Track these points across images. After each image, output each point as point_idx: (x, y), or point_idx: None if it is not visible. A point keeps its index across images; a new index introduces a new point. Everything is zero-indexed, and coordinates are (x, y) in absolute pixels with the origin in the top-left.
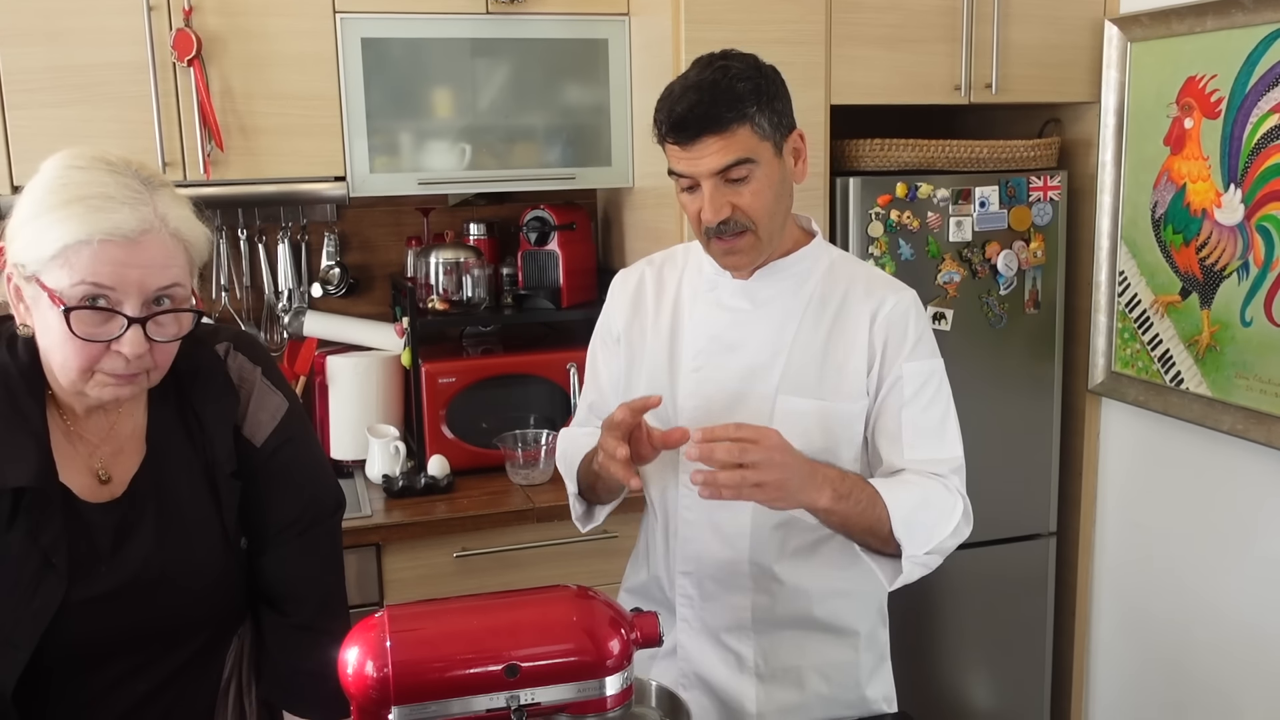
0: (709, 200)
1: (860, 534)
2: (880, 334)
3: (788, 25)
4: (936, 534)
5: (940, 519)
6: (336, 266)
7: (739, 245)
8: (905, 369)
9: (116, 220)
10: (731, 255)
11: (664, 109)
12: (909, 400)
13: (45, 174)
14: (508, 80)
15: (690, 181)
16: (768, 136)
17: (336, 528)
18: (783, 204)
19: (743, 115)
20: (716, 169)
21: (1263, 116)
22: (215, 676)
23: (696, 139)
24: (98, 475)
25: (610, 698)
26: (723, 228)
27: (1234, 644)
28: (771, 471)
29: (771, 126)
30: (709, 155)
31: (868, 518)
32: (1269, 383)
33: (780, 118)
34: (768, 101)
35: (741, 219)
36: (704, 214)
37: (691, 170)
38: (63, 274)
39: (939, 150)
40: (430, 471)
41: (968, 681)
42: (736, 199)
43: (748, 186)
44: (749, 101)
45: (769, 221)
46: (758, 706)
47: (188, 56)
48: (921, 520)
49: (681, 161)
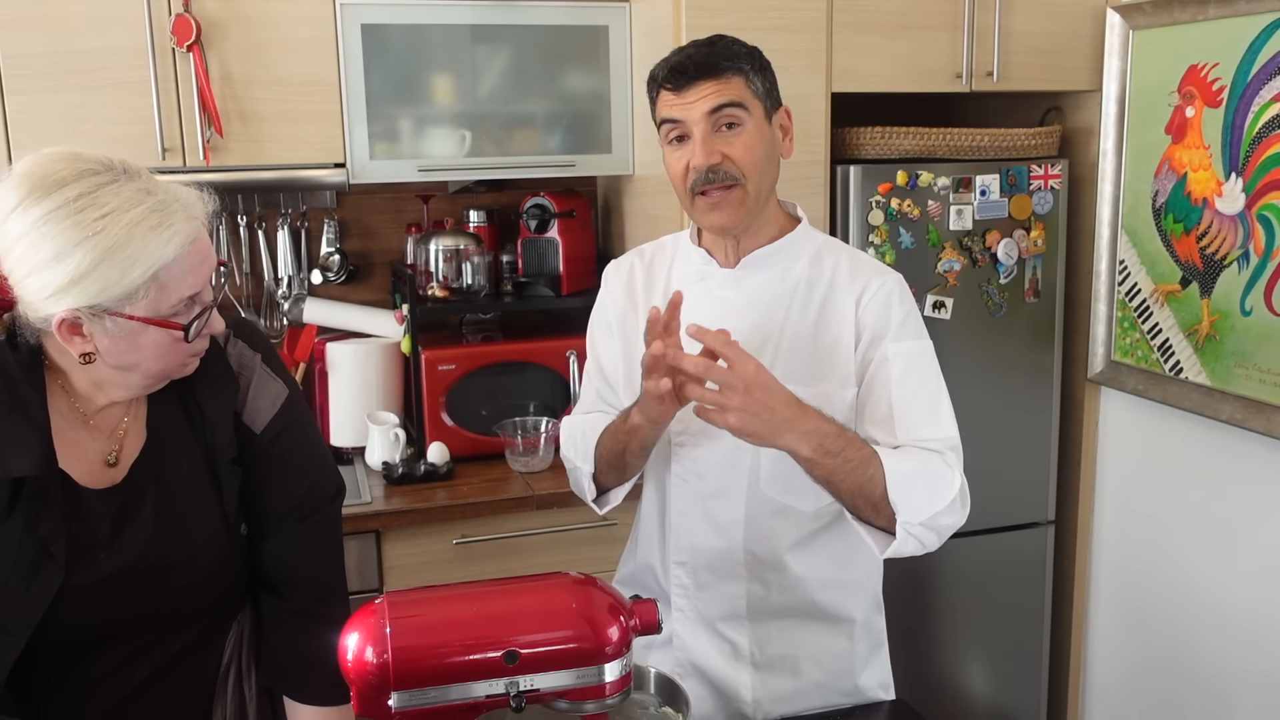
0: (700, 143)
1: (849, 494)
2: (864, 318)
3: (789, 12)
4: (934, 505)
5: (936, 491)
6: (336, 253)
7: (728, 199)
8: (890, 349)
9: (178, 227)
10: (717, 211)
11: (661, 64)
12: (896, 381)
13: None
14: (508, 67)
15: (680, 130)
16: (759, 96)
17: (336, 514)
18: (771, 168)
19: (738, 68)
20: (710, 109)
21: (1264, 105)
22: (214, 662)
23: (692, 83)
24: (106, 460)
25: (609, 684)
26: (711, 176)
27: (1232, 632)
28: (734, 399)
29: (764, 88)
30: (703, 98)
31: (858, 477)
32: (1268, 372)
33: (771, 87)
34: (760, 69)
35: (731, 169)
36: (694, 159)
37: (684, 115)
38: (159, 298)
39: (940, 138)
40: (430, 458)
41: (965, 670)
42: (727, 148)
43: (739, 137)
44: (744, 60)
45: (758, 177)
46: (753, 695)
47: (187, 42)
48: (918, 486)
49: (674, 107)
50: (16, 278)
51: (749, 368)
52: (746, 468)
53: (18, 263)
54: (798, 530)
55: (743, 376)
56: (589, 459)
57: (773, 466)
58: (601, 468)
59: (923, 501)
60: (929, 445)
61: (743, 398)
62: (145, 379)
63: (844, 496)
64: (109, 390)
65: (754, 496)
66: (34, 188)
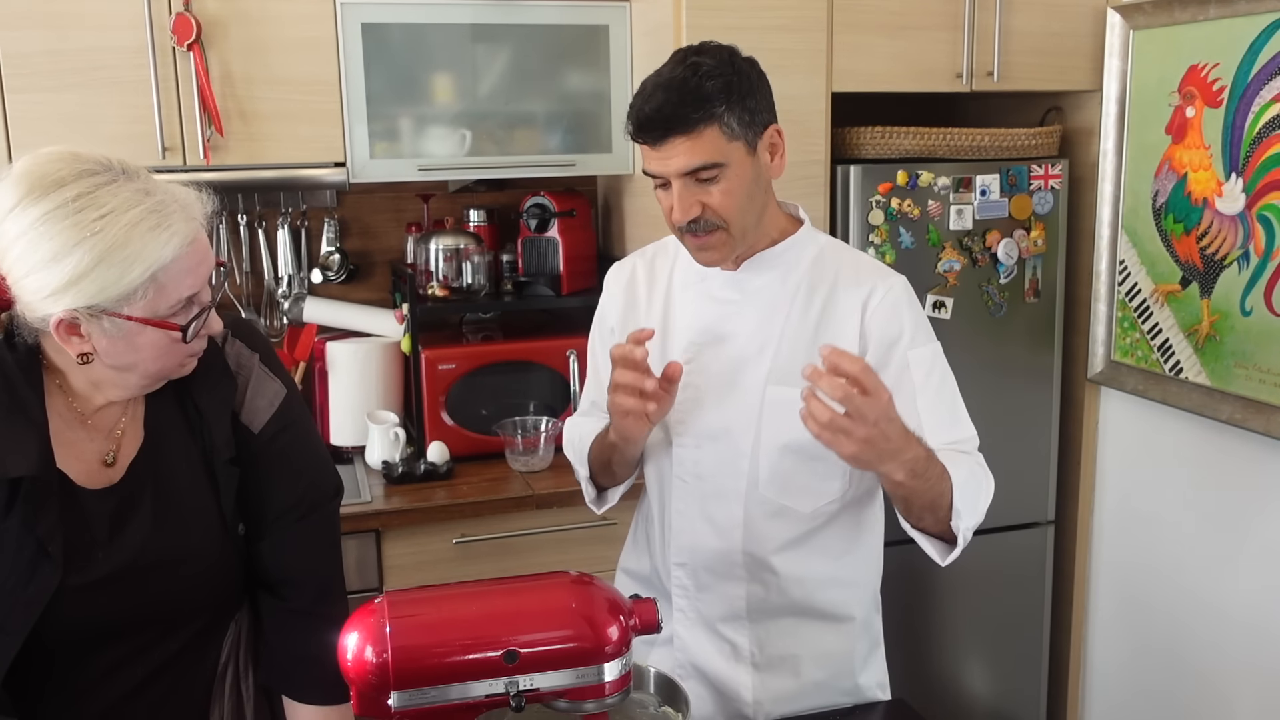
0: (678, 199)
1: (921, 508)
2: (872, 325)
3: (789, 12)
4: (979, 508)
5: (981, 494)
6: (336, 252)
7: (711, 242)
8: (910, 357)
9: (177, 228)
10: (703, 252)
11: (634, 108)
12: (920, 387)
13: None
14: (508, 66)
15: (663, 180)
16: (737, 136)
17: (335, 513)
18: (756, 202)
19: (710, 115)
20: (684, 170)
21: (1265, 105)
22: (212, 662)
23: (663, 140)
24: (104, 460)
25: (609, 684)
26: (693, 226)
27: (1231, 632)
28: (860, 429)
29: (742, 125)
30: (676, 156)
31: (933, 493)
32: (1268, 372)
33: (753, 115)
34: (739, 100)
35: (712, 218)
36: (674, 213)
37: (661, 170)
38: (158, 299)
39: (940, 138)
40: (430, 458)
41: (965, 669)
42: (706, 198)
43: (717, 186)
44: (717, 101)
45: (740, 220)
46: (754, 695)
47: (187, 41)
48: (973, 494)
49: (653, 161)
50: (14, 277)
51: (883, 399)
52: (745, 470)
53: (16, 262)
54: (797, 530)
55: (875, 408)
56: (584, 463)
57: (772, 468)
58: (595, 470)
59: (978, 508)
60: (961, 447)
61: (869, 429)
62: (143, 379)
63: (914, 510)
64: (107, 390)
65: (753, 498)
66: (33, 187)
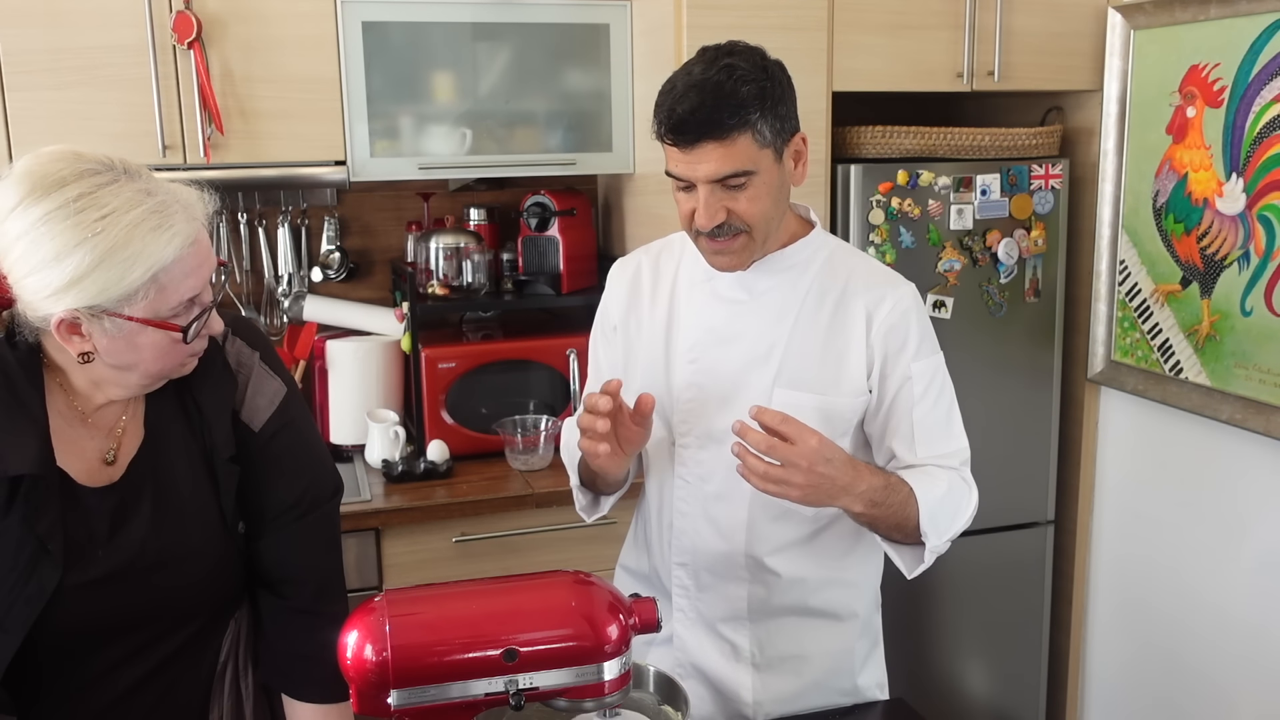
0: (704, 205)
1: (887, 530)
2: (881, 335)
3: (790, 11)
4: (956, 525)
5: (958, 511)
6: (336, 251)
7: (732, 246)
8: (914, 369)
9: (178, 228)
10: (721, 256)
11: (664, 107)
12: (919, 399)
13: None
14: (509, 65)
15: (687, 182)
16: (768, 144)
17: (334, 512)
18: (779, 207)
19: (745, 122)
20: (714, 177)
21: (1265, 106)
22: (211, 660)
23: (696, 144)
24: (104, 458)
25: (608, 683)
26: (716, 230)
27: (1230, 632)
28: (797, 476)
29: (773, 133)
30: (707, 162)
31: (897, 518)
32: (1268, 372)
33: (783, 122)
34: (771, 106)
35: (737, 223)
36: (698, 218)
37: (688, 174)
38: (159, 299)
39: (940, 138)
40: (430, 456)
41: (964, 669)
42: (733, 204)
43: (745, 193)
44: (752, 107)
45: (764, 225)
46: (754, 695)
47: (188, 39)
48: (947, 512)
49: (680, 165)
50: (16, 277)
51: (811, 444)
52: None
53: (17, 262)
54: (800, 532)
55: (805, 455)
56: (574, 469)
57: None
58: (585, 480)
59: (950, 525)
60: (947, 462)
61: (806, 475)
62: (144, 379)
63: (880, 531)
64: (107, 389)
65: (756, 500)
66: (34, 187)
